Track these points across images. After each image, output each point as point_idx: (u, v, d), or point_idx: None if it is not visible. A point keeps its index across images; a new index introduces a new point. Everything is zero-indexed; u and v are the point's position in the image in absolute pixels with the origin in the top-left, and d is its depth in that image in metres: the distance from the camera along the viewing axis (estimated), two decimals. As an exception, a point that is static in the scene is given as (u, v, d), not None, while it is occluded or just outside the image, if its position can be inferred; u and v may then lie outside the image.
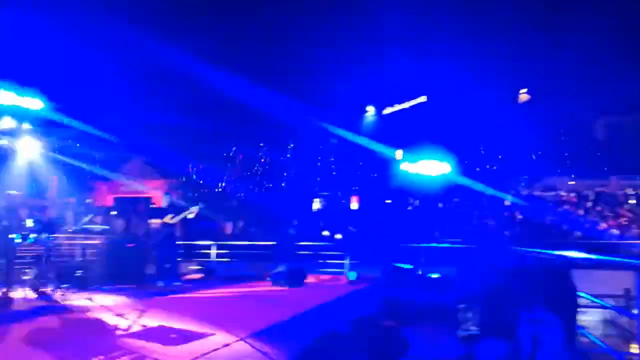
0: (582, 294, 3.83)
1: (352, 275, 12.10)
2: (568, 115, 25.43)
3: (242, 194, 26.19)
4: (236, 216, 21.34)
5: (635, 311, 2.32)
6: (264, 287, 11.04)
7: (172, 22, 23.53)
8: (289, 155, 30.03)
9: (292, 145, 30.10)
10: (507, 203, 21.64)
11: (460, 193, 22.60)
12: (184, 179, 26.26)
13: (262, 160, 29.97)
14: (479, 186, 22.02)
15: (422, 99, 28.15)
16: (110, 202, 24.84)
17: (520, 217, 20.01)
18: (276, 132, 28.05)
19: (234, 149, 29.45)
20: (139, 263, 11.43)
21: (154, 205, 21.72)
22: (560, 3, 24.36)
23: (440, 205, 22.49)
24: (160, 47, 20.04)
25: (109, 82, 22.49)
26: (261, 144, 30.20)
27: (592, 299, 3.61)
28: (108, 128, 21.33)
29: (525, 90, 26.83)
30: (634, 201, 20.00)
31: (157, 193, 24.05)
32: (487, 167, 26.86)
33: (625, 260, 2.26)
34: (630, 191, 20.81)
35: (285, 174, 29.93)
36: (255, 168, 30.13)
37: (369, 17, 25.64)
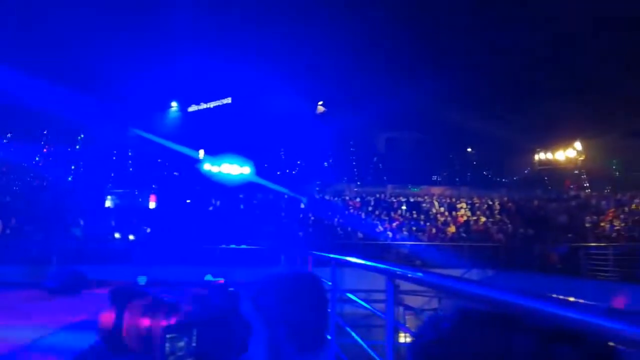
0: (350, 295, 4.24)
1: (142, 280, 11.45)
2: (356, 129, 28.31)
3: (17, 188, 22.75)
4: (8, 213, 18.44)
5: (383, 309, 2.64)
6: (35, 295, 9.72)
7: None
8: (77, 147, 27.11)
9: (82, 136, 27.27)
10: (302, 206, 23.05)
11: (260, 195, 23.29)
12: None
13: (45, 150, 26.47)
14: (278, 189, 23.01)
15: (227, 100, 28.33)
16: None
17: (313, 219, 21.52)
18: (63, 121, 25.12)
19: (9, 135, 25.42)
20: None
21: None
22: (362, 29, 27.03)
23: (241, 206, 22.83)
24: None
25: None
26: (44, 132, 26.69)
27: (354, 297, 4.02)
28: None
29: (321, 102, 29.12)
30: (405, 207, 23.16)
31: None
32: (287, 171, 28.21)
33: (378, 265, 2.57)
34: (402, 198, 24.03)
35: (72, 167, 26.92)
36: (36, 159, 26.45)
37: (181, 16, 24.80)
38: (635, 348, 0.91)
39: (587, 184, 24.87)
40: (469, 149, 30.88)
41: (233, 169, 22.82)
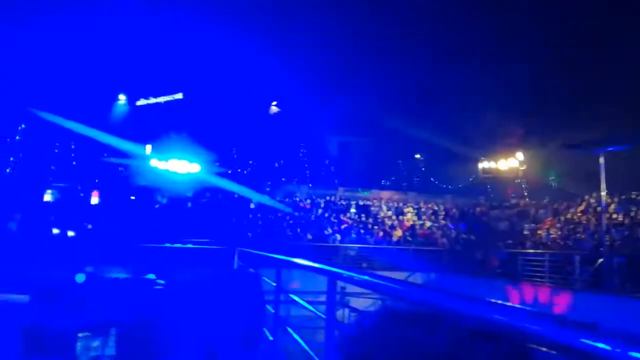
0: (293, 296, 4.24)
1: (80, 278, 10.99)
2: (309, 131, 28.40)
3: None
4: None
5: (323, 311, 2.65)
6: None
7: None
8: (18, 138, 25.75)
9: (22, 126, 25.91)
10: (252, 206, 22.85)
11: (209, 193, 22.89)
12: None
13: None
14: (230, 188, 22.69)
15: (179, 95, 27.69)
16: None
17: (262, 219, 21.40)
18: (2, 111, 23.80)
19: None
20: None
21: None
22: (318, 32, 27.15)
23: (189, 205, 22.36)
24: None
25: None
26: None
27: (297, 299, 4.03)
28: None
29: (275, 103, 29.01)
30: (354, 210, 23.45)
31: None
32: (238, 170, 27.89)
33: (320, 266, 2.58)
34: (352, 201, 24.31)
35: (11, 159, 25.55)
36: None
37: (133, 6, 24.03)
38: (552, 350, 0.96)
39: (527, 193, 26.04)
40: (417, 156, 31.62)
41: (182, 166, 22.32)
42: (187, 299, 1.32)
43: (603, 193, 14.10)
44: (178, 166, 22.08)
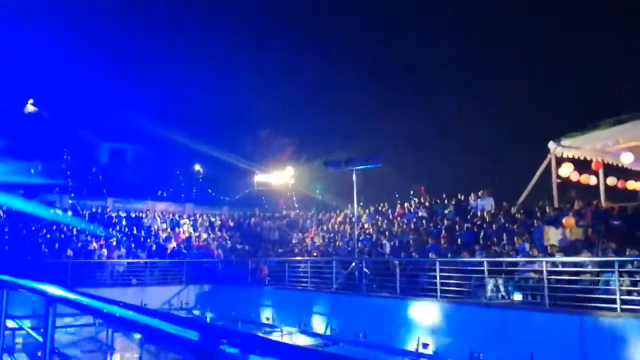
0: (20, 322, 3.79)
1: None
2: (74, 135, 25.64)
3: None
4: None
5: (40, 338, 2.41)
6: None
7: None
8: None
9: None
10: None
11: None
12: None
13: None
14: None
15: None
16: None
17: (9, 232, 18.58)
18: None
19: None
20: None
21: None
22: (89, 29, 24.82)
23: None
24: None
25: None
26: None
27: (18, 322, 3.62)
28: None
29: (32, 101, 25.26)
30: (125, 222, 21.93)
31: None
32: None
33: (36, 286, 2.34)
34: (122, 213, 22.71)
35: None
36: None
37: None
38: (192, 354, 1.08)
39: (297, 205, 28.14)
40: (197, 167, 31.41)
41: None
42: None
43: (356, 206, 16.08)
44: None
